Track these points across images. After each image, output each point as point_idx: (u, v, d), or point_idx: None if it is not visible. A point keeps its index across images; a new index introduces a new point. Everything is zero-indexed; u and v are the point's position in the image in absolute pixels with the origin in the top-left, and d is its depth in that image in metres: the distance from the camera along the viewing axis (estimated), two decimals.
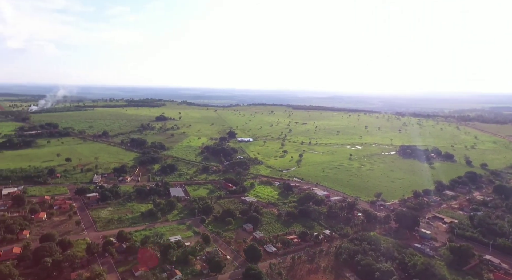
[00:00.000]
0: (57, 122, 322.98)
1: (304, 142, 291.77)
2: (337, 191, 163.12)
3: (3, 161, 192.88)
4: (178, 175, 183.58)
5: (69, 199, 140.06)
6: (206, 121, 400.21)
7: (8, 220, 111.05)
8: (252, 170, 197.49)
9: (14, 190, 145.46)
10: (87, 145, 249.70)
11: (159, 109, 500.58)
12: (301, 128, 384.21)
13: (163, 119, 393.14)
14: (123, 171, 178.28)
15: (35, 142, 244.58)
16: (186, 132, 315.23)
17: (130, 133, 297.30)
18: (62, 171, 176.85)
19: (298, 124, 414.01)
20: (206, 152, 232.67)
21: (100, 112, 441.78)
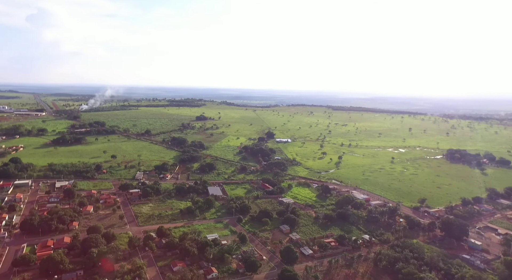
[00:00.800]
0: (104, 121, 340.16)
1: (344, 144, 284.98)
2: (378, 195, 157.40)
3: (56, 156, 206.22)
4: (216, 174, 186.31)
5: (113, 194, 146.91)
6: (245, 122, 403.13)
7: (60, 211, 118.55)
8: (290, 171, 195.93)
9: (66, 184, 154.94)
10: (131, 142, 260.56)
11: (200, 109, 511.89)
12: (341, 129, 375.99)
13: (203, 119, 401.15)
14: (164, 169, 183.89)
15: (84, 139, 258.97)
16: (225, 132, 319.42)
17: (171, 132, 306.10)
18: (108, 167, 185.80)
19: (338, 126, 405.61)
20: (244, 152, 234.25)
21: (143, 111, 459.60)
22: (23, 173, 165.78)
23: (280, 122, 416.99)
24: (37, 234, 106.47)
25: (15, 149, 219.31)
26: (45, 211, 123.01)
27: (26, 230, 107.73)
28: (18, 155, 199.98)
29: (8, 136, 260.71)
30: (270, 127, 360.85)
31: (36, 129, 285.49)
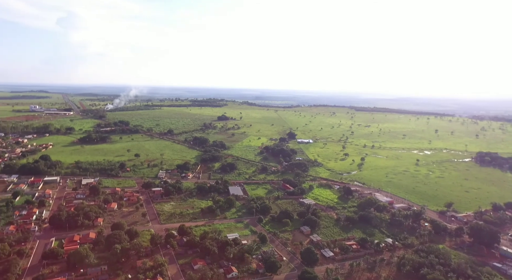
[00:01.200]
0: (128, 120, 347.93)
1: (367, 145, 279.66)
2: (402, 198, 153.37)
3: (83, 154, 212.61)
4: (237, 173, 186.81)
5: (136, 192, 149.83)
6: (266, 122, 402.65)
7: (86, 207, 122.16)
8: (311, 172, 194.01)
9: (91, 181, 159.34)
10: (154, 141, 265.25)
11: (221, 109, 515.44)
12: (363, 130, 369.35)
13: (225, 119, 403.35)
14: (185, 168, 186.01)
15: (109, 137, 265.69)
16: (246, 132, 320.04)
17: (193, 132, 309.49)
18: (131, 165, 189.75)
19: (360, 127, 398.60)
20: (265, 152, 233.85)
21: (166, 111, 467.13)
22: (52, 170, 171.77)
23: (301, 123, 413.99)
24: (65, 229, 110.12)
25: (45, 147, 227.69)
26: (72, 207, 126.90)
27: (54, 224, 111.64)
28: (47, 152, 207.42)
29: (39, 135, 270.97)
30: (291, 128, 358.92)
31: (64, 128, 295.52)
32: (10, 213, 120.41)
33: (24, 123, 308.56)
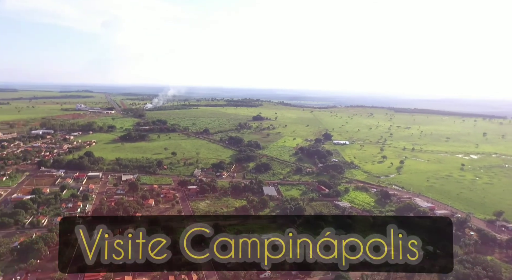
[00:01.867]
0: (166, 119, 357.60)
1: (407, 148, 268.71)
2: (444, 204, 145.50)
3: (123, 151, 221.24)
4: (271, 174, 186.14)
5: (173, 189, 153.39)
6: (302, 122, 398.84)
7: (126, 203, 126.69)
8: (347, 174, 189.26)
9: (131, 177, 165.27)
10: (190, 140, 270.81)
11: (256, 109, 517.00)
12: (403, 132, 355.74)
13: (260, 119, 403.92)
14: (220, 167, 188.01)
15: (148, 136, 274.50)
16: (281, 132, 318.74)
17: (228, 131, 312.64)
18: (168, 163, 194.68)
19: (400, 129, 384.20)
20: (300, 153, 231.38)
21: (202, 110, 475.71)
22: (95, 165, 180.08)
23: (338, 124, 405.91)
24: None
25: (89, 144, 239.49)
26: (112, 201, 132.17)
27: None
28: (91, 149, 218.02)
29: (84, 132, 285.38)
30: (327, 129, 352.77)
31: (106, 126, 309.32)
32: (58, 205, 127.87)
33: (71, 121, 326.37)
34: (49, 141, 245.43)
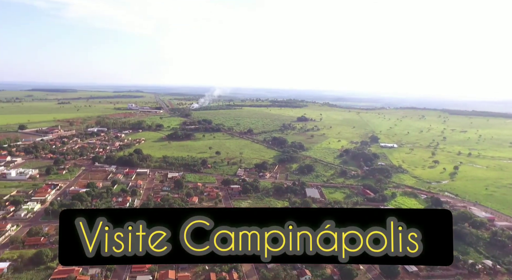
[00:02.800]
0: (211, 119, 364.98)
1: (462, 153, 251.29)
2: (506, 215, 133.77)
3: (170, 149, 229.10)
4: (315, 176, 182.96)
5: (216, 188, 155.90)
6: (347, 124, 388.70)
7: (171, 199, 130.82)
8: (395, 178, 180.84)
9: (176, 175, 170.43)
10: (234, 140, 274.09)
11: (301, 110, 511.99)
12: (458, 136, 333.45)
13: (304, 120, 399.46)
14: (263, 167, 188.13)
15: (193, 135, 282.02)
16: (326, 134, 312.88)
17: (272, 132, 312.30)
18: (212, 162, 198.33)
19: (455, 132, 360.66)
20: (345, 155, 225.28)
21: (247, 111, 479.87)
22: (143, 162, 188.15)
23: (385, 126, 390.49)
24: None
25: (138, 142, 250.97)
26: (158, 197, 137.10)
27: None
28: (140, 146, 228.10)
29: (133, 130, 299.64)
30: (374, 131, 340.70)
31: (154, 125, 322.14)
32: (109, 198, 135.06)
33: (123, 120, 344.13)
34: (103, 138, 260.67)
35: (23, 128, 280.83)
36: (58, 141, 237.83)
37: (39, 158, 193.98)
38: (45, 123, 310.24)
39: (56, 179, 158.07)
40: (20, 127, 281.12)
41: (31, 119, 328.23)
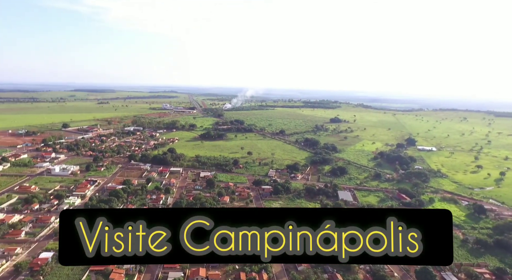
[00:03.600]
0: (243, 119, 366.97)
1: (509, 158, 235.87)
2: None
3: (202, 149, 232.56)
4: (348, 178, 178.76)
5: (247, 188, 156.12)
6: (383, 126, 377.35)
7: (203, 198, 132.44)
8: (433, 183, 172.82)
9: (208, 174, 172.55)
10: (265, 141, 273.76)
11: (334, 111, 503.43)
12: (505, 140, 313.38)
13: (337, 121, 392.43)
14: (295, 169, 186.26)
15: (225, 135, 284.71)
16: (360, 136, 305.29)
17: (304, 133, 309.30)
18: (244, 162, 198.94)
19: (501, 136, 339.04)
20: (379, 158, 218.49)
21: (279, 111, 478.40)
22: (176, 161, 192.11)
23: (423, 128, 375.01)
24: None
25: (172, 141, 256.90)
26: (191, 196, 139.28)
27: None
28: (174, 146, 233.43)
29: (168, 130, 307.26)
30: (411, 133, 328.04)
31: (188, 125, 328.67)
32: (143, 196, 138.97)
33: (157, 120, 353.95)
34: (139, 137, 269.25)
35: (66, 126, 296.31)
36: (97, 139, 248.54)
37: (80, 155, 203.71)
38: (86, 122, 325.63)
39: (95, 176, 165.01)
40: (63, 126, 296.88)
41: (73, 118, 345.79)
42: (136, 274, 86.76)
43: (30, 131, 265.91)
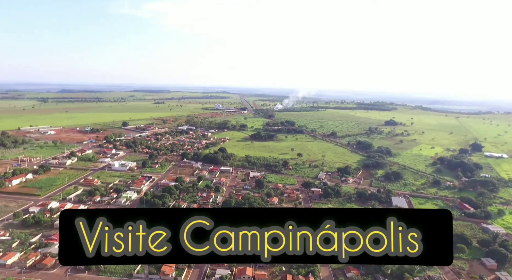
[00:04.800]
0: (294, 120, 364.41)
1: None
2: None
3: (252, 149, 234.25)
4: (402, 184, 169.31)
5: (296, 190, 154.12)
6: (443, 129, 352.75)
7: (251, 198, 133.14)
8: (503, 193, 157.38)
9: (257, 174, 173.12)
10: (316, 143, 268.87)
11: (389, 113, 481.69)
12: None
13: (393, 124, 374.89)
14: (346, 172, 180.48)
15: (276, 136, 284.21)
16: (417, 139, 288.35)
17: (357, 135, 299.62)
18: (294, 164, 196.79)
19: None
20: (439, 164, 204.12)
21: (331, 113, 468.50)
22: (227, 161, 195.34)
23: (492, 133, 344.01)
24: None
25: (223, 140, 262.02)
26: (240, 195, 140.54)
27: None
28: (224, 145, 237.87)
29: (219, 130, 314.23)
30: (476, 138, 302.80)
31: (239, 125, 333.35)
32: (194, 193, 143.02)
33: (209, 119, 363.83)
34: (191, 136, 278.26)
35: (125, 125, 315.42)
36: (153, 137, 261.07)
37: (137, 152, 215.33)
38: (143, 121, 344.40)
39: (150, 172, 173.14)
40: (123, 124, 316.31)
41: (132, 117, 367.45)
42: (186, 269, 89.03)
43: (95, 128, 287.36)
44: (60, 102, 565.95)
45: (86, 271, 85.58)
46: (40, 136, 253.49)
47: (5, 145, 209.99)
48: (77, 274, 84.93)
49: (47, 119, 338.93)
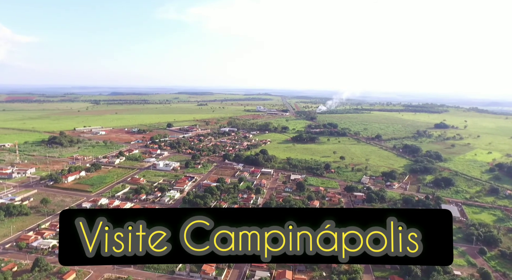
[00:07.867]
0: (337, 123, 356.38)
1: None
2: None
3: (293, 151, 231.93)
4: (454, 191, 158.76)
5: (338, 194, 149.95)
6: (503, 133, 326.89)
7: (292, 201, 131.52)
8: None
9: (298, 177, 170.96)
10: (360, 146, 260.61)
11: (440, 116, 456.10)
12: None
13: (443, 127, 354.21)
14: (391, 176, 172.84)
15: (318, 138, 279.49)
16: (471, 144, 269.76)
17: (403, 138, 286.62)
18: (336, 167, 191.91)
19: None
20: (498, 170, 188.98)
21: (375, 115, 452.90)
22: (268, 163, 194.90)
23: None
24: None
25: (264, 142, 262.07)
26: (280, 198, 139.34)
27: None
28: (265, 147, 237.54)
29: (261, 131, 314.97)
30: None
31: (280, 127, 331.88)
32: (235, 194, 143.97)
33: (251, 121, 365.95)
34: (233, 137, 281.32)
35: (170, 126, 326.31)
36: (196, 138, 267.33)
37: (180, 153, 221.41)
38: (187, 123, 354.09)
39: (192, 172, 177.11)
40: (167, 125, 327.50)
41: (176, 118, 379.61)
42: (226, 269, 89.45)
43: (141, 129, 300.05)
44: (110, 104, 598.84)
45: (132, 266, 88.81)
46: (92, 136, 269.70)
47: (62, 144, 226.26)
48: (123, 268, 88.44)
49: (99, 121, 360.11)
